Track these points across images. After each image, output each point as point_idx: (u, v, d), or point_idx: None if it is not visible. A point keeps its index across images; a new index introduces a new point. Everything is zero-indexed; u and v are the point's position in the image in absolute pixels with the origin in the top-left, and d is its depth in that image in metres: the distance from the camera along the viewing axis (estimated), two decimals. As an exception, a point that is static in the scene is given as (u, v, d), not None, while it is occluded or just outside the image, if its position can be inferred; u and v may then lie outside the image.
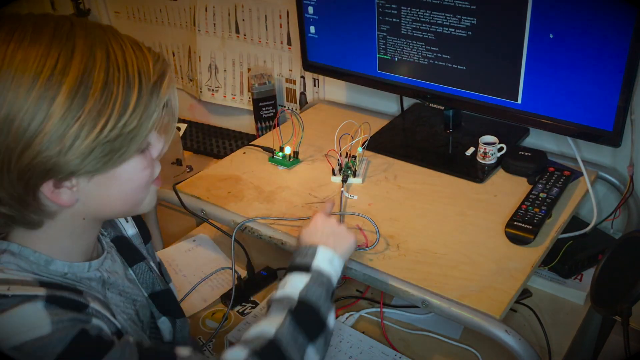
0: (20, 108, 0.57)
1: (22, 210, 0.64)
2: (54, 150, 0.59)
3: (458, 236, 1.01)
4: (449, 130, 1.30)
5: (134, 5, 1.88)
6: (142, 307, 0.82)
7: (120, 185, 0.67)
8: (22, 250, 0.67)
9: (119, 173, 0.65)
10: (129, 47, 0.64)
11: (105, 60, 0.61)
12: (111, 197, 0.68)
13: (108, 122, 0.61)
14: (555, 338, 1.06)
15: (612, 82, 0.98)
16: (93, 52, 0.61)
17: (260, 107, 1.62)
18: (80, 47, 0.61)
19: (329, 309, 0.79)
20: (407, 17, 1.17)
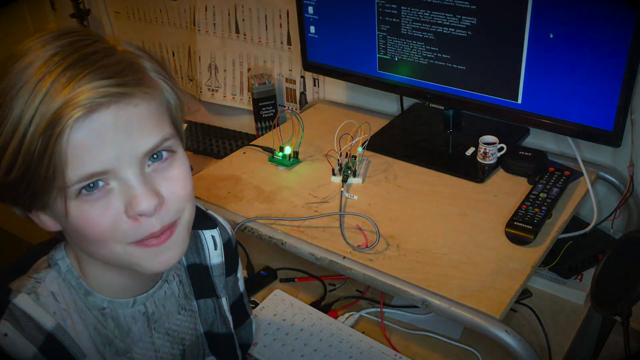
0: None
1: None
2: None
3: (458, 236, 1.01)
4: (449, 130, 1.30)
5: (134, 5, 1.88)
6: (191, 346, 0.77)
7: (73, 230, 0.59)
8: (69, 270, 0.64)
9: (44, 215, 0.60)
10: (37, 81, 0.53)
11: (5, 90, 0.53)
12: (79, 237, 0.60)
13: None
14: (555, 338, 1.06)
15: (612, 82, 0.98)
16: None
17: (260, 107, 1.62)
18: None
19: None
20: (407, 17, 1.17)
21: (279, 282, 1.26)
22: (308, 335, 1.10)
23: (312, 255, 1.00)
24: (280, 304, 1.18)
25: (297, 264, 1.29)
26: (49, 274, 0.64)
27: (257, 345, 1.08)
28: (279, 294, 1.22)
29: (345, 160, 1.17)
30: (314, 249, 1.00)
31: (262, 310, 1.17)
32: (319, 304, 1.20)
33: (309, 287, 1.26)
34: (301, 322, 1.13)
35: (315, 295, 1.22)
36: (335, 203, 1.11)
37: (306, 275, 1.28)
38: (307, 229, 1.04)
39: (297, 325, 1.13)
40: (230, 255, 0.81)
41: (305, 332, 1.11)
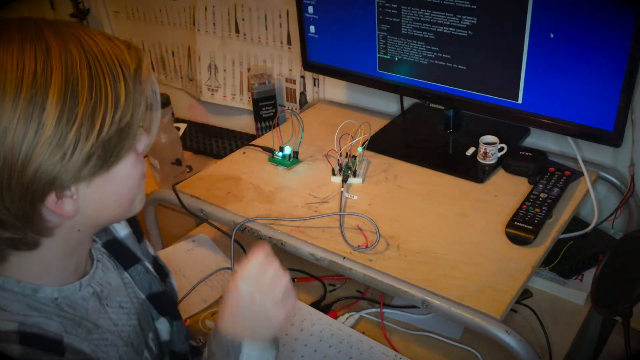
0: (10, 123, 0.54)
1: (26, 230, 0.60)
2: (55, 160, 0.56)
3: (458, 236, 1.00)
4: (449, 130, 1.30)
5: (134, 5, 1.88)
6: (142, 312, 0.81)
7: (117, 186, 0.64)
8: (4, 282, 0.63)
9: (115, 172, 0.63)
10: (100, 38, 0.61)
11: (84, 54, 0.58)
12: (108, 200, 0.65)
13: (105, 119, 0.58)
14: (555, 338, 1.06)
15: (613, 82, 0.98)
16: (68, 47, 0.58)
17: (260, 107, 1.62)
18: (54, 43, 0.57)
19: None
20: (407, 16, 1.17)
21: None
22: (308, 336, 1.10)
23: (312, 256, 1.00)
24: (280, 304, 1.18)
25: (297, 264, 1.29)
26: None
27: (257, 346, 1.08)
28: (278, 294, 1.21)
29: (345, 160, 1.17)
30: (314, 249, 1.00)
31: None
32: (319, 304, 1.20)
33: (309, 288, 1.26)
34: (301, 322, 1.13)
35: (315, 296, 1.22)
36: (335, 203, 1.11)
37: (306, 276, 1.28)
38: (307, 229, 1.04)
39: (297, 325, 1.12)
40: (134, 225, 0.86)
41: (305, 332, 1.11)
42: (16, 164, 0.55)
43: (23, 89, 0.54)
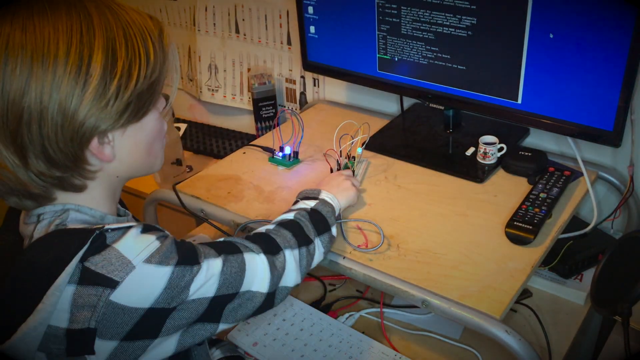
0: (63, 73, 0.64)
1: (74, 171, 0.70)
2: (99, 107, 0.66)
3: (458, 236, 1.01)
4: (449, 130, 1.30)
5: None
6: None
7: (146, 135, 0.75)
8: (80, 208, 0.73)
9: (145, 122, 0.73)
10: (128, 9, 0.71)
11: (119, 21, 0.69)
12: (140, 148, 0.75)
13: (140, 73, 0.69)
14: (555, 338, 1.06)
15: (612, 82, 0.98)
16: (105, 15, 0.68)
17: (260, 107, 1.62)
18: (94, 11, 0.67)
19: (333, 223, 0.95)
20: (407, 17, 1.17)
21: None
22: (308, 335, 1.10)
23: (312, 255, 1.00)
24: (280, 304, 1.18)
25: (297, 264, 1.29)
26: (70, 215, 0.72)
27: (257, 345, 1.08)
28: (279, 294, 1.21)
29: (344, 161, 1.17)
30: (314, 249, 1.00)
31: None
32: (319, 304, 1.20)
33: (309, 287, 1.26)
34: (301, 322, 1.13)
35: (315, 295, 1.22)
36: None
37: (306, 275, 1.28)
38: (307, 229, 1.04)
39: (297, 325, 1.13)
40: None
41: (305, 332, 1.11)
42: (69, 109, 0.65)
43: (73, 44, 0.65)
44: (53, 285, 0.63)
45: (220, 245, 0.79)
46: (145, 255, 0.66)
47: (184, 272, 0.68)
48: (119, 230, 0.68)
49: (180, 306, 0.69)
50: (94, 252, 0.65)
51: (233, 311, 0.77)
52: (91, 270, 0.64)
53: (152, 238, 0.68)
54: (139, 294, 0.65)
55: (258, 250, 0.81)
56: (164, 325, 0.68)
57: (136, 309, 0.65)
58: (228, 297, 0.75)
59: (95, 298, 0.64)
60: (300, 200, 0.98)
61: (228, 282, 0.74)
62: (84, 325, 0.64)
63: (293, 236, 0.87)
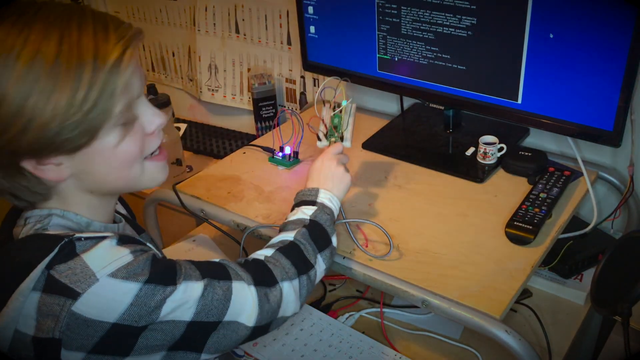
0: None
1: (17, 184, 0.69)
2: (6, 141, 0.64)
3: (458, 236, 1.01)
4: (449, 130, 1.30)
5: (134, 5, 1.88)
6: None
7: (106, 160, 0.71)
8: (65, 213, 0.73)
9: (99, 148, 0.69)
10: (90, 29, 0.65)
11: (58, 43, 0.63)
12: (101, 172, 0.72)
13: (60, 101, 0.63)
14: (555, 338, 1.06)
15: (612, 82, 0.98)
16: (47, 34, 0.63)
17: (260, 107, 1.62)
18: (36, 30, 0.63)
19: (333, 232, 0.93)
20: (407, 17, 1.17)
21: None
22: (308, 335, 1.10)
23: (312, 255, 1.00)
24: (280, 304, 1.18)
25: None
26: (52, 220, 0.71)
27: (257, 345, 1.08)
28: (279, 294, 1.21)
29: (329, 124, 1.06)
30: (314, 249, 1.00)
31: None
32: (319, 304, 1.20)
33: (309, 287, 1.26)
34: (301, 322, 1.13)
35: (315, 295, 1.22)
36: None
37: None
38: (307, 229, 1.04)
39: (297, 325, 1.13)
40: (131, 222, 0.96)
41: (305, 332, 1.11)
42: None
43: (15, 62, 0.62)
44: (17, 290, 0.63)
45: (209, 267, 0.76)
46: (111, 269, 0.65)
47: (154, 291, 0.66)
48: (91, 240, 0.66)
49: (151, 326, 0.67)
50: (60, 260, 0.64)
51: (217, 342, 0.74)
52: (55, 279, 0.63)
53: (125, 252, 0.67)
54: (102, 308, 0.64)
55: (249, 280, 0.77)
56: (135, 344, 0.66)
57: (100, 322, 0.64)
58: (209, 326, 0.72)
59: (58, 307, 0.63)
60: (298, 207, 0.94)
61: (208, 309, 0.71)
62: (49, 334, 0.63)
63: (292, 265, 0.83)
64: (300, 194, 0.98)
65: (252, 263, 0.82)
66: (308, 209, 0.93)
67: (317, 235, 0.89)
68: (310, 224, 0.90)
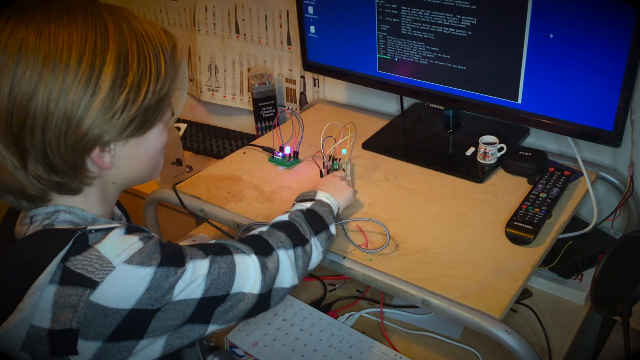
0: (73, 82, 0.64)
1: (72, 176, 0.70)
2: (105, 119, 0.67)
3: (458, 236, 1.01)
4: (449, 130, 1.30)
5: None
6: None
7: (147, 148, 0.75)
8: (71, 209, 0.73)
9: (148, 136, 0.74)
10: (144, 22, 0.72)
11: (133, 34, 0.69)
12: (140, 160, 0.76)
13: (149, 89, 0.69)
14: (555, 338, 1.06)
15: (612, 82, 0.98)
16: (121, 26, 0.68)
17: (260, 107, 1.62)
18: (110, 22, 0.68)
19: (331, 221, 0.94)
20: (407, 17, 1.17)
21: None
22: (308, 335, 1.10)
23: (312, 255, 1.00)
24: (281, 304, 1.18)
25: (297, 264, 1.29)
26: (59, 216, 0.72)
27: (257, 345, 1.09)
28: (279, 294, 1.21)
29: (329, 164, 1.16)
30: (314, 249, 1.00)
31: None
32: (319, 304, 1.20)
33: (309, 287, 1.26)
34: (301, 322, 1.13)
35: (315, 295, 1.22)
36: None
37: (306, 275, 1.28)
38: (307, 229, 1.04)
39: (297, 325, 1.13)
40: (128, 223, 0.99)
41: (305, 332, 1.11)
42: (74, 118, 0.65)
43: (85, 54, 0.65)
44: (33, 285, 0.63)
45: (210, 247, 0.78)
46: (126, 256, 0.66)
47: (167, 273, 0.68)
48: (101, 231, 0.68)
49: (165, 307, 0.68)
50: (75, 252, 0.65)
51: (224, 313, 0.76)
52: (72, 271, 0.64)
53: (134, 239, 0.68)
54: (120, 295, 0.65)
55: (249, 251, 0.80)
56: (149, 326, 0.68)
57: (118, 310, 0.65)
58: (218, 299, 0.74)
59: (75, 298, 0.64)
60: (297, 203, 0.98)
61: (216, 284, 0.74)
62: (66, 325, 0.64)
63: (287, 237, 0.86)
64: (299, 195, 1.00)
65: (248, 237, 0.85)
66: (307, 203, 0.96)
67: (313, 220, 0.92)
68: (307, 211, 0.93)
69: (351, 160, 1.22)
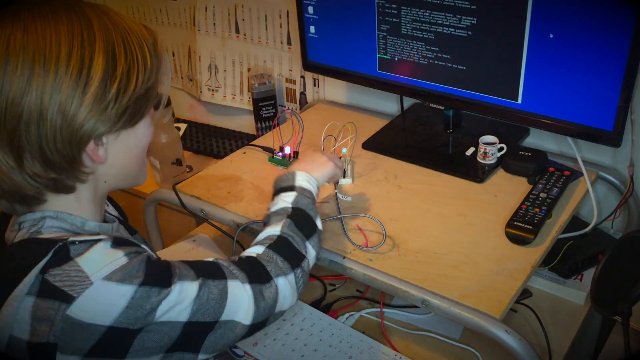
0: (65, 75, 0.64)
1: (69, 172, 0.70)
2: (98, 110, 0.67)
3: (458, 236, 1.01)
4: (449, 130, 1.30)
5: (134, 5, 1.88)
6: None
7: (136, 141, 0.75)
8: (59, 214, 0.73)
9: (138, 128, 0.74)
10: (124, 17, 0.72)
11: (116, 27, 0.69)
12: (130, 154, 0.76)
13: (138, 78, 0.70)
14: (555, 338, 1.06)
15: (612, 82, 0.98)
16: (104, 21, 0.69)
17: (260, 107, 1.62)
18: (93, 16, 0.68)
19: (316, 215, 0.93)
20: (407, 17, 1.17)
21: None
22: (308, 335, 1.10)
23: (312, 255, 1.00)
24: (280, 304, 1.18)
25: (297, 264, 1.29)
26: (46, 222, 0.71)
27: (257, 345, 1.08)
28: (279, 294, 1.21)
29: None
30: (314, 249, 1.00)
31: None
32: (319, 304, 1.20)
33: (309, 287, 1.26)
34: (301, 322, 1.13)
35: (315, 295, 1.22)
36: (335, 203, 1.11)
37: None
38: (307, 229, 1.04)
39: (297, 325, 1.13)
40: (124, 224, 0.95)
41: (305, 332, 1.11)
42: (69, 110, 0.65)
43: (75, 46, 0.65)
44: (11, 295, 0.63)
45: (203, 266, 0.75)
46: (106, 272, 0.64)
47: (149, 293, 0.66)
48: (85, 244, 0.66)
49: (147, 327, 0.66)
50: (55, 264, 0.64)
51: (214, 341, 0.73)
52: (50, 283, 0.63)
53: (119, 254, 0.67)
54: (97, 311, 0.64)
55: (244, 279, 0.77)
56: (131, 347, 0.66)
57: (96, 326, 0.63)
58: (207, 326, 0.72)
59: (52, 312, 0.63)
60: (277, 196, 0.94)
61: (204, 309, 0.71)
62: (44, 339, 0.63)
63: (285, 260, 0.83)
64: (278, 180, 0.97)
65: (245, 261, 0.81)
66: (288, 196, 0.92)
67: (302, 224, 0.89)
68: (293, 212, 0.90)
69: (352, 160, 1.23)
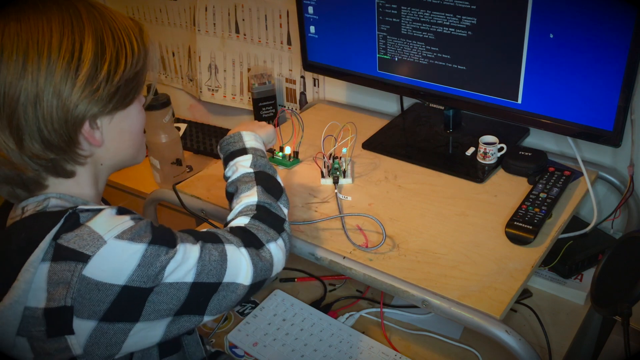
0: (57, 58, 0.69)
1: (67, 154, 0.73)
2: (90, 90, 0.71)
3: (458, 236, 1.01)
4: (449, 130, 1.30)
5: (134, 5, 1.88)
6: None
7: (130, 125, 0.79)
8: (62, 196, 0.75)
9: (130, 111, 0.78)
10: (110, 9, 0.77)
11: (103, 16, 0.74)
12: (125, 137, 0.79)
13: (126, 61, 0.74)
14: (555, 338, 1.06)
15: (612, 82, 0.98)
16: (92, 11, 0.73)
17: (260, 107, 1.62)
18: (82, 7, 0.73)
19: (274, 172, 0.96)
20: (407, 17, 1.17)
21: (279, 282, 1.26)
22: (308, 335, 1.10)
23: (312, 255, 1.00)
24: (281, 304, 1.18)
25: (297, 264, 1.29)
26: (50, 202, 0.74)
27: (257, 345, 1.09)
28: (279, 294, 1.22)
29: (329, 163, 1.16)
30: (314, 249, 1.00)
31: (261, 311, 1.17)
32: (319, 304, 1.20)
33: (309, 287, 1.26)
34: (301, 322, 1.13)
35: (315, 295, 1.22)
36: (335, 203, 1.11)
37: (306, 275, 1.28)
38: (307, 229, 1.04)
39: (297, 325, 1.13)
40: None
41: (305, 332, 1.11)
42: (63, 91, 0.69)
43: (65, 33, 0.70)
44: (27, 262, 0.65)
45: (200, 233, 0.80)
46: (117, 231, 0.68)
47: (158, 251, 0.70)
48: (92, 211, 0.70)
49: (157, 288, 0.69)
50: (66, 230, 0.67)
51: (218, 303, 0.77)
52: (64, 247, 0.66)
53: (125, 218, 0.71)
54: (111, 269, 0.66)
55: (238, 243, 0.80)
56: (143, 309, 0.69)
57: (111, 285, 0.66)
58: (211, 287, 0.75)
59: (68, 273, 0.65)
60: (232, 162, 0.96)
61: (207, 270, 0.74)
62: (60, 302, 0.65)
63: (270, 227, 0.86)
64: (224, 144, 0.99)
65: (236, 229, 0.84)
66: (245, 160, 0.95)
67: (270, 188, 0.92)
68: (257, 177, 0.93)
69: (352, 160, 1.23)
